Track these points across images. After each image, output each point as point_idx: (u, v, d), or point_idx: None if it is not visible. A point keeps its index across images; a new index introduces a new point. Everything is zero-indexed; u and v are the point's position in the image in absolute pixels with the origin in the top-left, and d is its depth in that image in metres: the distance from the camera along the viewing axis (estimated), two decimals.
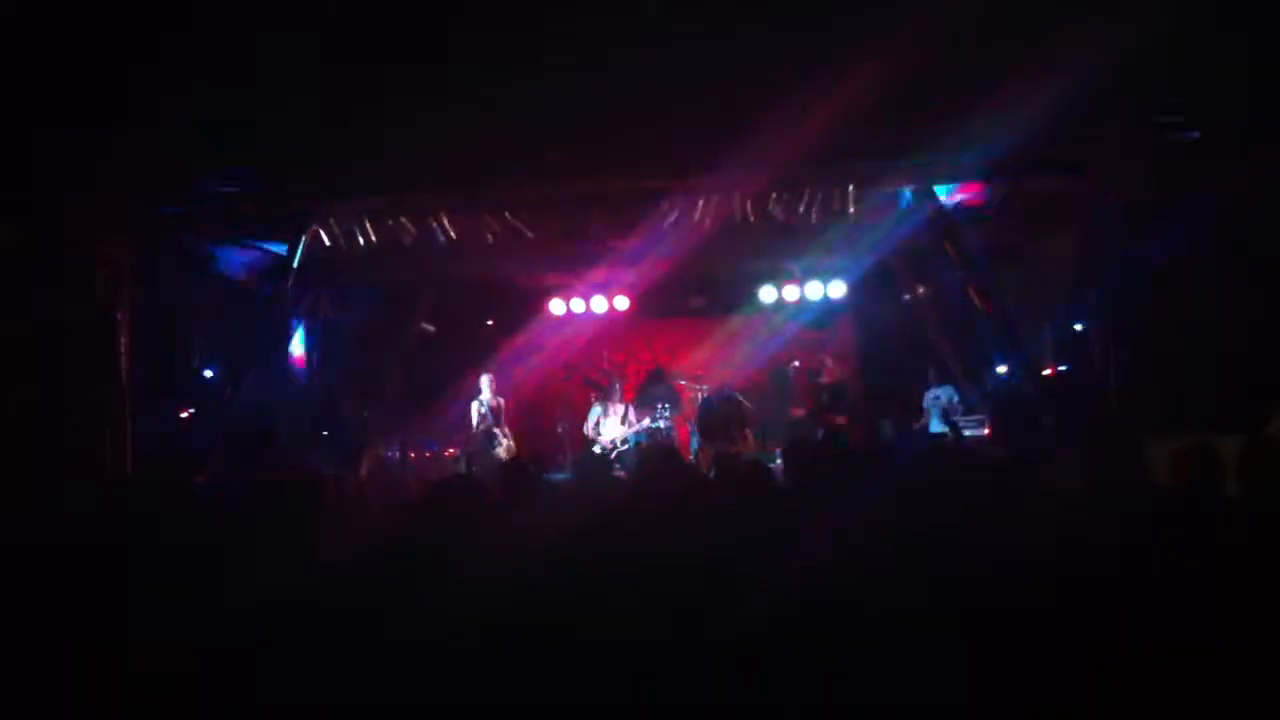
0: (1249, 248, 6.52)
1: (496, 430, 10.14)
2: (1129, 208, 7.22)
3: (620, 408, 10.59)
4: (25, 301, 6.82)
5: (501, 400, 10.39)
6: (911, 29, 5.43)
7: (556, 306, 11.68)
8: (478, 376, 10.44)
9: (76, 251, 7.27)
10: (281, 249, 8.83)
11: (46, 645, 2.34)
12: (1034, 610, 2.12)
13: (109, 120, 6.49)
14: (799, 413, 11.10)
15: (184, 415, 8.65)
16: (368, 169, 7.68)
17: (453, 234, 9.08)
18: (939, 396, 10.47)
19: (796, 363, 11.56)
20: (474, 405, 10.29)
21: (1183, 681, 1.96)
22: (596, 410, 10.63)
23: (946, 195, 8.28)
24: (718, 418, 10.02)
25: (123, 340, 7.76)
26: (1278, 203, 6.27)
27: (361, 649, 2.26)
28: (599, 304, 11.58)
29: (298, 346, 10.78)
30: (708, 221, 8.96)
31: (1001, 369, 8.59)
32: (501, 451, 10.03)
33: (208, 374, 8.84)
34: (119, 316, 7.75)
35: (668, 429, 10.54)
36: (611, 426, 10.48)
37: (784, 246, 10.30)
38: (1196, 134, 6.44)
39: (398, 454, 10.81)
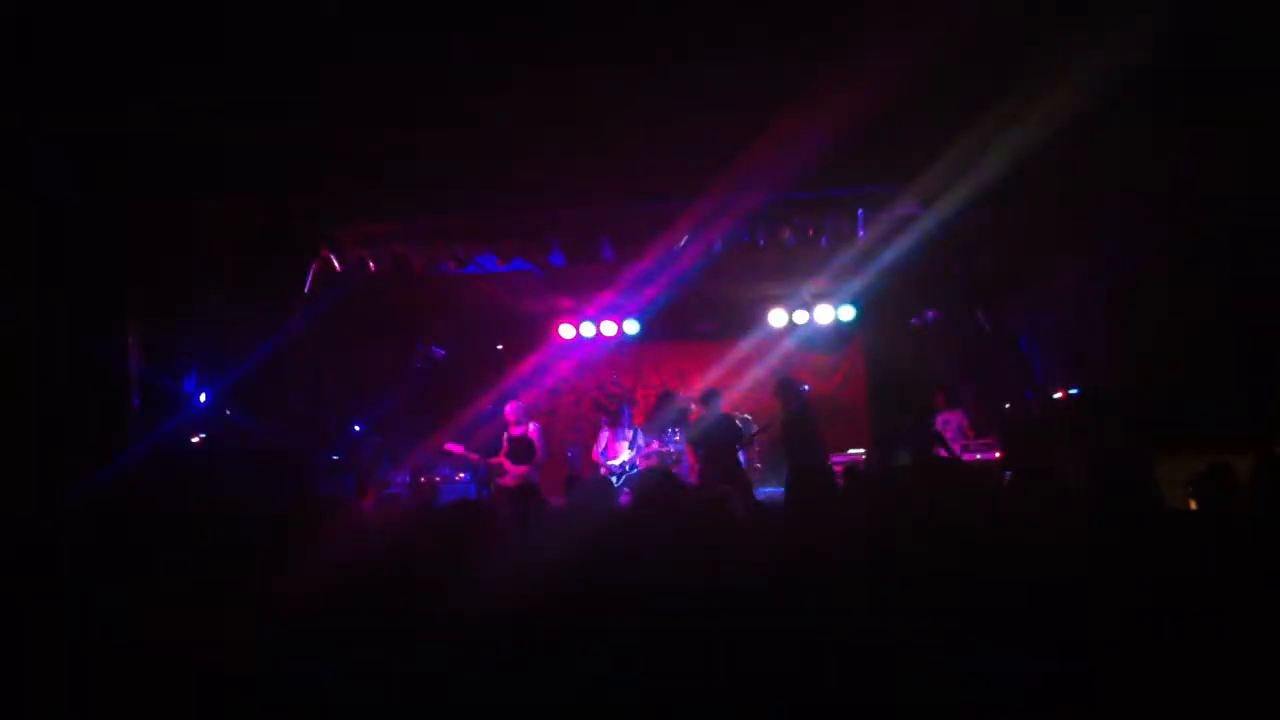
0: (1259, 266, 6.49)
1: (503, 460, 9.98)
2: (1135, 223, 7.21)
3: (629, 432, 10.56)
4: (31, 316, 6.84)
5: (527, 429, 10.02)
6: (915, 48, 5.47)
7: (565, 331, 11.70)
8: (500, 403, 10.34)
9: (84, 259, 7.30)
10: None
11: (47, 646, 2.35)
12: (1035, 614, 2.10)
13: (117, 127, 6.55)
14: None
15: (195, 440, 8.69)
16: (372, 195, 7.74)
17: (459, 258, 9.16)
18: (949, 421, 10.44)
19: (807, 387, 11.51)
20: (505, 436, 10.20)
21: (1188, 692, 1.93)
22: (605, 435, 10.60)
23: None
24: (711, 438, 9.90)
25: (131, 357, 7.82)
26: None
27: (359, 657, 2.26)
28: (608, 328, 11.59)
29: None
30: (717, 245, 9.01)
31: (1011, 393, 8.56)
32: (507, 481, 9.87)
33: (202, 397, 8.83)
34: (130, 339, 7.82)
35: (678, 452, 10.50)
36: (619, 451, 10.44)
37: (794, 271, 10.32)
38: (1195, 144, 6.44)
39: (408, 478, 10.81)
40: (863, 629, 2.09)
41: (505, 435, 10.06)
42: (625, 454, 10.38)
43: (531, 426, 10.07)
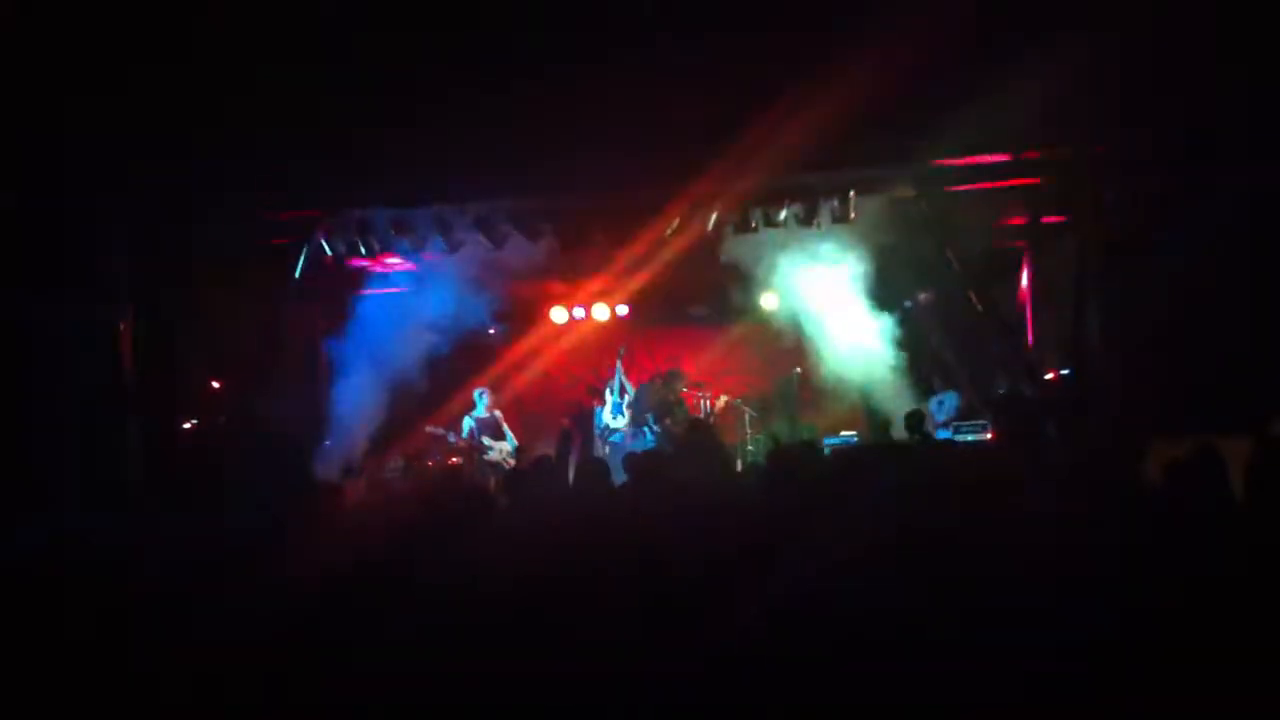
0: (1253, 249, 6.50)
1: (485, 438, 10.15)
2: (1132, 210, 7.21)
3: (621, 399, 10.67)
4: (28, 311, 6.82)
5: (498, 413, 10.54)
6: (909, 31, 5.44)
7: (558, 315, 11.65)
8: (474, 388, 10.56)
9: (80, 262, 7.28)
10: None
11: (49, 645, 2.35)
12: (1033, 611, 2.09)
13: (112, 128, 6.51)
14: None
15: (186, 426, 8.67)
16: (367, 183, 7.70)
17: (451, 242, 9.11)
18: (943, 402, 10.45)
19: (799, 369, 11.49)
20: (465, 419, 10.35)
21: (1186, 686, 1.93)
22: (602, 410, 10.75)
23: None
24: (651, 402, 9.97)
25: (125, 350, 7.78)
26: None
27: (358, 650, 2.25)
28: (600, 312, 11.54)
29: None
30: (709, 228, 8.97)
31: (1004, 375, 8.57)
32: (494, 455, 10.04)
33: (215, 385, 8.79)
34: (121, 326, 7.78)
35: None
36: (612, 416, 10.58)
37: (787, 252, 10.28)
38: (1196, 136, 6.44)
39: (401, 463, 10.79)
40: (859, 625, 2.09)
41: (478, 418, 10.35)
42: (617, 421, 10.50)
43: (498, 411, 10.49)
